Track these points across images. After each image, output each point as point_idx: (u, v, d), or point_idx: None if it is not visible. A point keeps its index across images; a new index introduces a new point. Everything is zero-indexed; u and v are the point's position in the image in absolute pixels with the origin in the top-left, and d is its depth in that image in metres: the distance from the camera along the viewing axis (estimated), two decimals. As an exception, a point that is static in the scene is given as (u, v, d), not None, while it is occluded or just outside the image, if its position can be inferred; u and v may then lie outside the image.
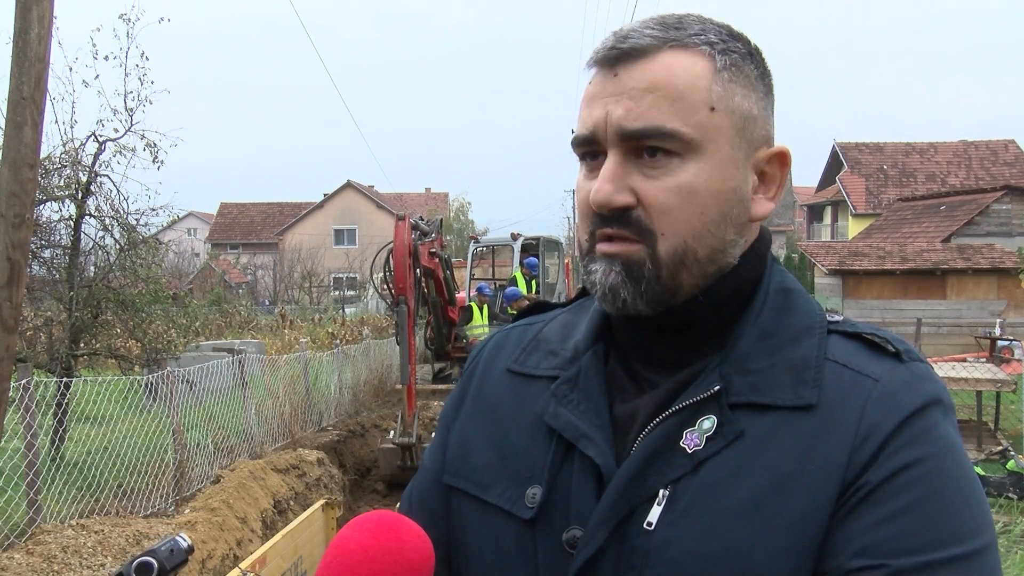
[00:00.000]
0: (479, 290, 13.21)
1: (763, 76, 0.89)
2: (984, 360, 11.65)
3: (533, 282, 12.93)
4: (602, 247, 0.86)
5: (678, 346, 0.89)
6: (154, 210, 9.08)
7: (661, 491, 0.82)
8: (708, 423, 0.83)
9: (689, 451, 0.82)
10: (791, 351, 0.85)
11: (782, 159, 0.90)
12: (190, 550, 0.98)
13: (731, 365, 0.85)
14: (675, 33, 0.85)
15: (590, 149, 0.87)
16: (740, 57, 0.86)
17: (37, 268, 8.86)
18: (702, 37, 0.85)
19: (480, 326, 12.47)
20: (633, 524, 0.82)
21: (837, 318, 0.89)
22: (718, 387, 0.83)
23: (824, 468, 0.79)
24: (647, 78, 0.83)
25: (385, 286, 8.60)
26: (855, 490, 0.78)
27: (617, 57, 0.85)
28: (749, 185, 0.87)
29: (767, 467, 0.80)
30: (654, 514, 0.81)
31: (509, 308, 12.34)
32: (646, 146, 0.83)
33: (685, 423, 0.83)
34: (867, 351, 0.85)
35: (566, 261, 17.21)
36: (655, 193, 0.83)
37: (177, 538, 0.98)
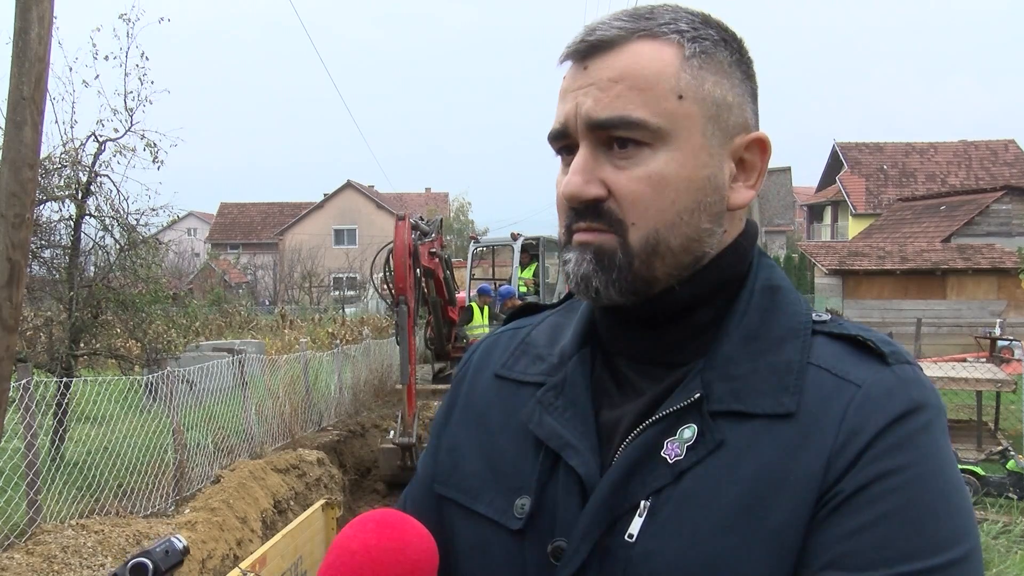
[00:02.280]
0: (480, 291, 13.19)
1: (740, 62, 0.87)
2: (984, 360, 11.64)
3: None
4: (577, 237, 0.86)
5: (663, 343, 0.88)
6: (154, 210, 9.07)
7: (643, 502, 0.81)
8: (689, 432, 0.81)
9: (670, 461, 0.81)
10: (774, 355, 0.84)
11: (761, 146, 0.88)
12: (185, 551, 0.97)
13: (714, 370, 0.84)
14: (644, 23, 0.84)
15: (564, 143, 0.87)
16: (712, 44, 0.85)
17: (37, 268, 8.85)
18: (672, 26, 0.84)
19: (480, 326, 12.45)
20: (615, 535, 0.81)
21: (824, 318, 0.88)
22: (699, 395, 0.82)
23: (803, 477, 0.77)
24: (615, 69, 0.83)
25: (385, 286, 8.60)
26: (830, 499, 0.76)
27: (586, 50, 0.85)
28: (726, 173, 0.86)
29: (747, 477, 0.78)
30: (635, 525, 0.80)
31: (500, 309, 12.29)
32: (615, 137, 0.83)
33: (666, 432, 0.82)
34: (852, 353, 0.83)
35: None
36: (625, 183, 0.83)
37: (172, 539, 0.97)
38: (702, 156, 0.84)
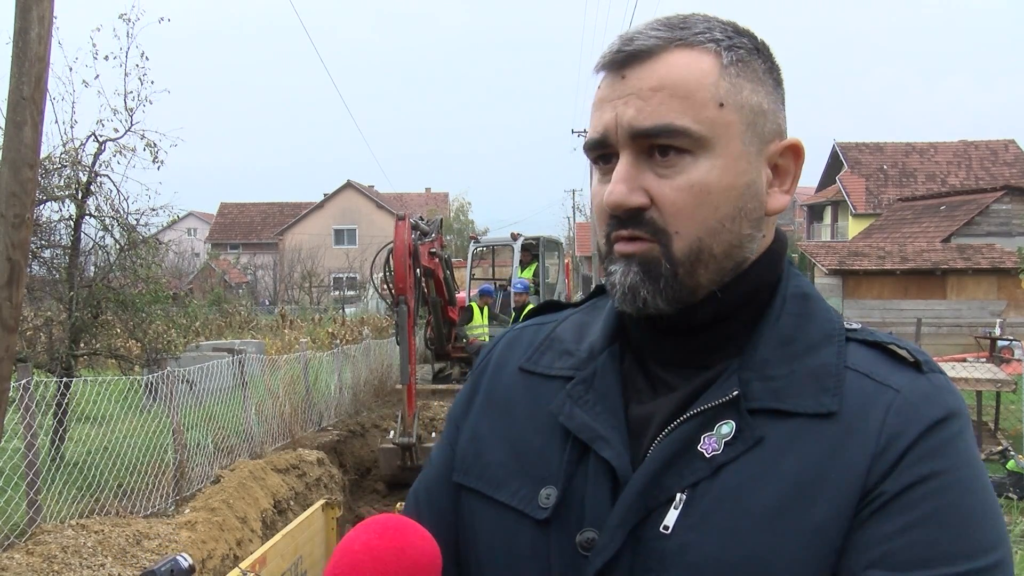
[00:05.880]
0: (481, 291, 13.16)
1: (771, 70, 0.89)
2: (984, 360, 11.65)
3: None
4: (619, 247, 0.86)
5: (695, 347, 0.88)
6: (154, 210, 9.07)
7: (679, 495, 0.81)
8: (727, 428, 0.82)
9: (707, 455, 0.82)
10: (811, 358, 0.85)
11: (795, 151, 0.89)
12: (191, 570, 0.97)
13: (751, 370, 0.84)
14: (680, 33, 0.85)
15: (602, 152, 0.87)
16: (747, 52, 0.86)
17: (37, 268, 8.84)
18: (707, 35, 0.85)
19: (480, 326, 12.44)
20: (649, 527, 0.81)
21: (855, 326, 0.89)
22: (736, 392, 0.83)
23: (845, 476, 0.78)
24: (655, 78, 0.83)
25: (385, 286, 8.60)
26: (872, 499, 0.77)
27: (624, 60, 0.85)
28: (763, 179, 0.87)
29: (788, 474, 0.79)
30: (671, 518, 0.81)
31: (514, 304, 12.16)
32: (657, 145, 0.83)
33: (703, 427, 0.83)
34: (887, 361, 0.85)
35: (566, 261, 17.19)
36: (667, 192, 0.83)
37: (178, 557, 0.97)
38: (742, 163, 0.85)
